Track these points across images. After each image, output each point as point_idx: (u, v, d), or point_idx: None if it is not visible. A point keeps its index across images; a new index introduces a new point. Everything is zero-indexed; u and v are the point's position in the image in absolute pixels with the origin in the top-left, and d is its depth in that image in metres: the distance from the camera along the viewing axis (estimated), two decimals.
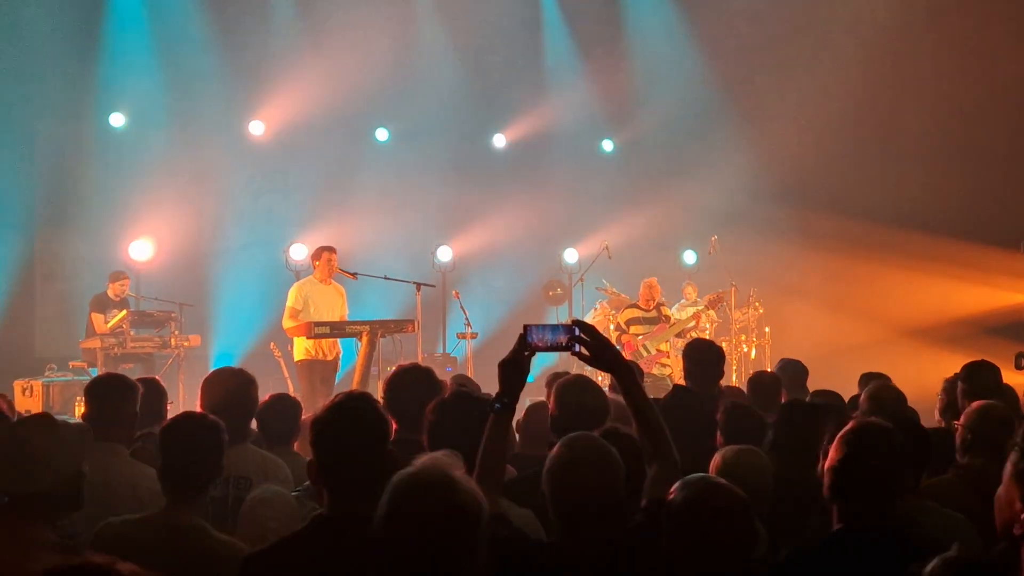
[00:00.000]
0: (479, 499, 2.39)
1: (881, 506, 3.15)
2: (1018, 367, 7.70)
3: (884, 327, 13.87)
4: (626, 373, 3.31)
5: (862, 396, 5.39)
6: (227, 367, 4.99)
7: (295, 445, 4.99)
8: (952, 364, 6.35)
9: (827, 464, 3.21)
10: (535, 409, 5.11)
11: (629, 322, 11.39)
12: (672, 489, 2.99)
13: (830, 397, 5.83)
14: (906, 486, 3.39)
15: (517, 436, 5.17)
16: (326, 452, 2.95)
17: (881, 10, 14.11)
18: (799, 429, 4.44)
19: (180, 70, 13.62)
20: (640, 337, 11.26)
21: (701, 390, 5.67)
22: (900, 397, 5.28)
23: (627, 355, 10.99)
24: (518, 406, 3.93)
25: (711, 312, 12.24)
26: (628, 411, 3.36)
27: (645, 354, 11.14)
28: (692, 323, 11.71)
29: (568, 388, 4.26)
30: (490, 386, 7.16)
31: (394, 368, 4.72)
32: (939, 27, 13.97)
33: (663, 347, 11.42)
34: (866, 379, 6.41)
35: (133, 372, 9.92)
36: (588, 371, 12.96)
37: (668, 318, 11.64)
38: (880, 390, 5.27)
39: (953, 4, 13.74)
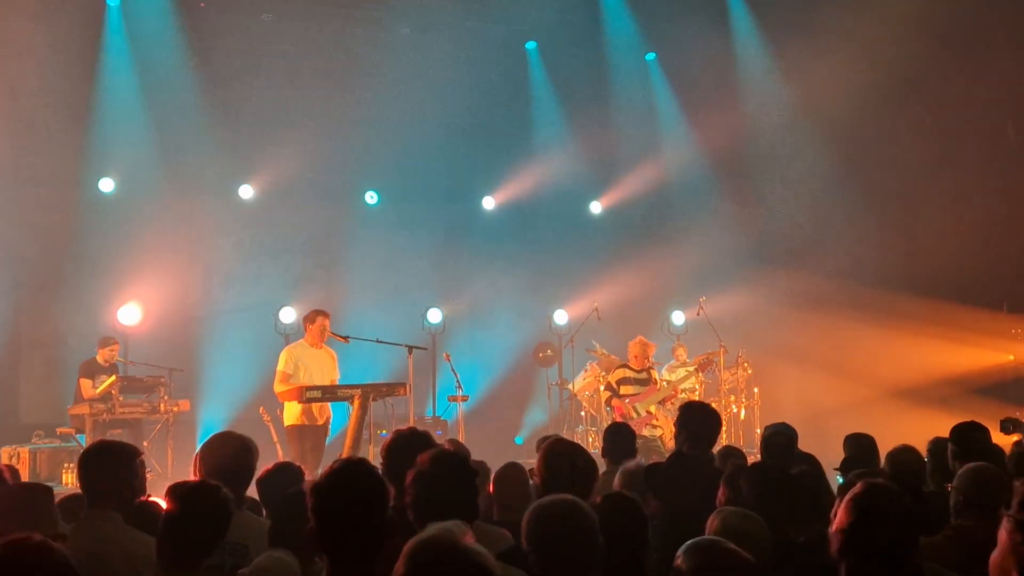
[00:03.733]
0: (493, 565, 2.42)
1: (889, 568, 3.15)
2: (1004, 431, 7.74)
3: (872, 387, 13.88)
4: None
5: (884, 458, 5.50)
6: (228, 432, 4.93)
7: None
8: (940, 424, 6.38)
9: (836, 526, 3.21)
10: (505, 474, 5.03)
11: (620, 382, 11.40)
12: (679, 554, 3.02)
13: (808, 461, 5.83)
14: (914, 548, 3.39)
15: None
16: (325, 519, 2.96)
17: (862, 73, 14.31)
18: (781, 494, 4.41)
19: (170, 135, 13.62)
20: (628, 400, 11.27)
21: (699, 453, 5.67)
22: (921, 461, 5.40)
23: (617, 417, 10.99)
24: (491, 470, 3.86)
25: (700, 374, 12.29)
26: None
27: (635, 416, 11.14)
28: (682, 383, 11.73)
29: (554, 454, 4.25)
30: (480, 449, 7.18)
31: (391, 433, 4.69)
32: (917, 94, 14.21)
33: (652, 409, 11.42)
34: (852, 440, 6.47)
35: (121, 438, 9.83)
36: (578, 434, 12.96)
37: (655, 381, 11.68)
38: (902, 454, 5.41)
39: (929, 71, 13.95)
